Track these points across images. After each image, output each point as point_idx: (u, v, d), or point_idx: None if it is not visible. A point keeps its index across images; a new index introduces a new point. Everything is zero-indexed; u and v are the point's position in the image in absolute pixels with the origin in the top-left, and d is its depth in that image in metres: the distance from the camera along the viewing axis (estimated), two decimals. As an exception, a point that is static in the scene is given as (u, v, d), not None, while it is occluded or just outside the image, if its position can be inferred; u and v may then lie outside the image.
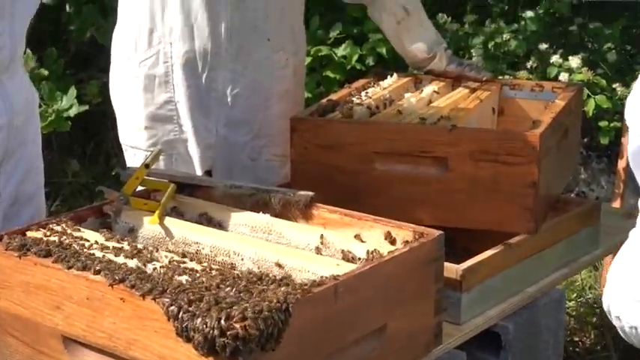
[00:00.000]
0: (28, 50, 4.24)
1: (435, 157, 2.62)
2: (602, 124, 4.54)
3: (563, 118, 2.86)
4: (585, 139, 4.94)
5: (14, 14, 2.43)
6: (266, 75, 3.04)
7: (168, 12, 2.96)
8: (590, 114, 4.37)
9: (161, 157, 2.95)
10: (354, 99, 2.97)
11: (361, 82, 3.18)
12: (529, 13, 4.74)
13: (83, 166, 5.27)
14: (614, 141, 4.55)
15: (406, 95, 3.01)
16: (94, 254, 2.06)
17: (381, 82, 3.17)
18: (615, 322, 2.25)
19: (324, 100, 2.95)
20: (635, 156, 1.94)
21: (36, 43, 4.70)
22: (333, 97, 3.01)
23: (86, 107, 4.52)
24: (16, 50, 2.49)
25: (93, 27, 4.76)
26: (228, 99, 3.00)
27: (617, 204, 4.10)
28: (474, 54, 4.60)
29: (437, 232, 2.19)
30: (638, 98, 1.90)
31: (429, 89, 3.07)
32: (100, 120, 4.90)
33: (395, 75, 3.20)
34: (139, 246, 2.12)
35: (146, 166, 2.41)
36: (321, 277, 1.95)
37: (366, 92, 3.05)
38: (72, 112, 4.36)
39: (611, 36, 4.82)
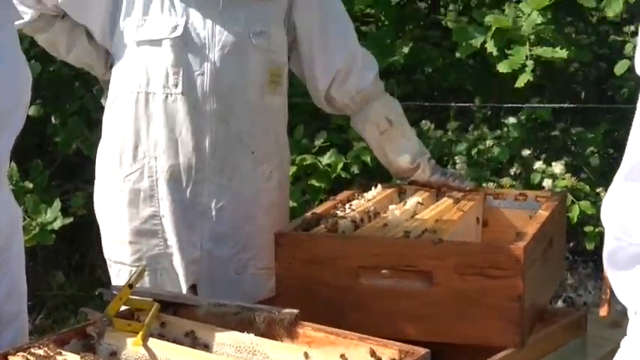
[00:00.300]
0: (13, 164, 4.25)
1: (420, 271, 2.60)
2: (588, 229, 4.55)
3: (548, 228, 2.86)
4: (571, 244, 4.95)
5: (-1, 132, 2.43)
6: (250, 188, 3.05)
7: (153, 126, 2.98)
8: (575, 220, 4.39)
9: (146, 272, 2.94)
10: (338, 212, 2.96)
11: (345, 194, 3.18)
12: (511, 120, 4.80)
13: (68, 277, 5.25)
14: (600, 246, 4.54)
15: (390, 207, 3.01)
16: (76, 379, 2.03)
17: (365, 194, 3.16)
18: None
19: (308, 214, 2.95)
20: (610, 257, 1.93)
21: (21, 155, 4.71)
22: (318, 210, 3.00)
23: (71, 219, 4.52)
24: (0, 168, 2.49)
25: (78, 139, 4.78)
26: (213, 212, 3.00)
27: (604, 310, 4.07)
28: (457, 161, 4.63)
29: (423, 351, 2.17)
30: (612, 201, 1.91)
31: (412, 200, 3.07)
32: (85, 231, 4.89)
33: (379, 186, 3.20)
34: (122, 369, 2.10)
35: (129, 286, 2.40)
36: (307, 400, 1.92)
37: (350, 205, 3.04)
38: (56, 225, 4.35)
39: (594, 140, 4.86)
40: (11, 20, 2.28)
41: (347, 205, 3.04)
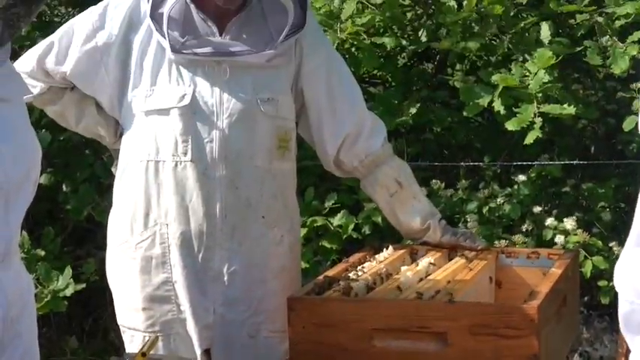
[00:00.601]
0: (24, 232, 4.26)
1: (434, 333, 2.60)
2: (602, 283, 4.53)
3: (561, 286, 2.86)
4: (585, 298, 4.92)
5: (9, 203, 2.43)
6: (261, 252, 3.05)
7: (164, 194, 2.99)
8: (588, 275, 4.37)
9: (160, 337, 2.94)
10: (350, 275, 2.96)
11: (357, 256, 3.18)
12: (521, 177, 4.79)
13: (81, 342, 5.23)
14: (615, 300, 4.51)
15: (402, 269, 3.00)
16: None
17: (376, 256, 3.16)
18: None
19: (320, 277, 2.94)
20: (625, 320, 1.94)
21: (32, 223, 4.73)
22: (330, 273, 3.00)
23: (83, 286, 4.51)
24: (12, 241, 2.47)
25: (89, 206, 4.79)
26: (225, 277, 3.00)
27: (621, 365, 4.06)
28: (469, 219, 4.62)
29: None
30: (624, 266, 1.92)
31: (425, 261, 3.07)
32: (98, 296, 4.89)
33: (390, 247, 3.20)
34: None
35: (143, 354, 2.40)
36: None
37: (362, 267, 3.04)
38: (68, 292, 4.35)
39: (605, 195, 4.85)
40: (20, 94, 2.30)
41: (359, 268, 3.04)
